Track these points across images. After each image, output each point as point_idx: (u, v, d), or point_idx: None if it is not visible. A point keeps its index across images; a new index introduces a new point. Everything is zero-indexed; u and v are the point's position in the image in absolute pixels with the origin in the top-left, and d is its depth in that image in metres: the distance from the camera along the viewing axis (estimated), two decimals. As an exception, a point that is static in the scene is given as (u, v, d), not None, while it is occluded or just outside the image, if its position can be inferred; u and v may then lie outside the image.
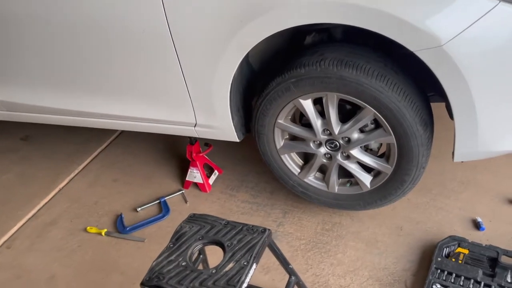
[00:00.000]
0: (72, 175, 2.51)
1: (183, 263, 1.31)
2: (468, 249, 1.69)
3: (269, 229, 1.38)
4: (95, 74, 1.93)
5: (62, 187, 2.44)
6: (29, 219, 2.26)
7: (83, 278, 1.90)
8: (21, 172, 2.58)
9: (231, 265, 1.28)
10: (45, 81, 2.07)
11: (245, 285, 1.24)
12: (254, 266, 1.29)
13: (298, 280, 1.53)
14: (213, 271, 1.27)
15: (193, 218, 1.46)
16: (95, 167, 2.55)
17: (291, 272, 1.50)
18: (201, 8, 1.54)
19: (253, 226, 1.39)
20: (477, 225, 1.83)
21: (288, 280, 1.50)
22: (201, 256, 1.62)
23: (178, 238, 1.39)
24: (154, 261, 1.33)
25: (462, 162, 1.93)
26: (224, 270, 1.26)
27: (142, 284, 1.28)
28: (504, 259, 1.64)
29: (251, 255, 1.30)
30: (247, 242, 1.34)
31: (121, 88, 1.94)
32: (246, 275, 1.25)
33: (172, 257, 1.33)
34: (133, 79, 1.87)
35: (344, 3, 1.36)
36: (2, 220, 2.25)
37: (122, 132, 2.78)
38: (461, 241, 1.73)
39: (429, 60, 1.38)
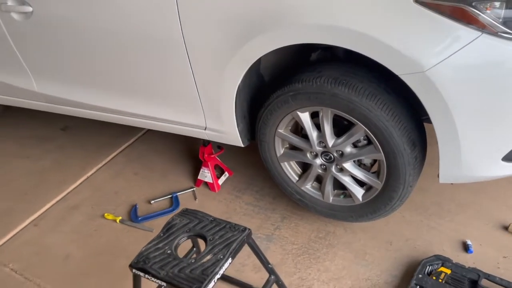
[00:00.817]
0: (99, 166, 2.74)
1: (168, 251, 1.46)
2: (451, 269, 1.73)
3: (249, 229, 1.50)
4: (124, 77, 2.13)
5: (89, 176, 2.67)
6: (57, 202, 2.50)
7: (94, 259, 2.10)
8: (55, 159, 2.85)
9: (209, 257, 1.42)
10: (81, 80, 2.30)
11: (217, 276, 1.37)
12: (229, 260, 1.42)
13: (277, 279, 1.65)
14: (192, 261, 1.41)
15: (185, 212, 1.61)
16: (120, 160, 2.78)
17: (270, 271, 1.62)
18: (211, 22, 1.68)
19: (235, 224, 1.52)
20: (466, 248, 1.86)
21: (268, 278, 1.62)
22: (194, 249, 1.78)
23: (168, 229, 1.55)
24: (144, 247, 1.49)
25: (452, 184, 1.98)
26: (202, 261, 1.40)
27: (130, 265, 1.44)
28: (484, 282, 1.67)
29: (228, 250, 1.43)
30: (227, 238, 1.47)
31: (145, 91, 2.13)
32: (220, 267, 1.38)
33: (160, 245, 1.49)
34: (155, 83, 2.05)
35: (334, 27, 1.46)
36: (33, 201, 2.51)
37: (148, 131, 3.00)
38: (445, 261, 1.77)
39: (413, 84, 1.46)
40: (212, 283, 1.35)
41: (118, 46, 1.99)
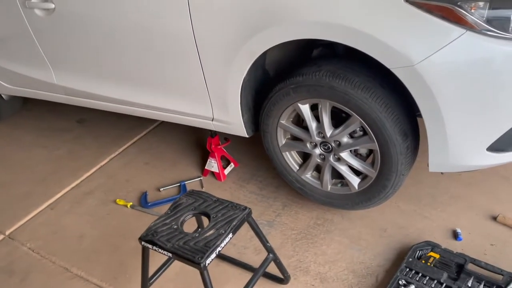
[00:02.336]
0: (112, 156, 2.89)
1: (175, 226, 1.59)
2: (440, 254, 1.84)
3: (249, 208, 1.63)
4: (137, 70, 2.28)
5: (103, 165, 2.82)
6: (72, 188, 2.66)
7: (106, 240, 2.24)
8: (71, 149, 3.01)
9: (211, 232, 1.55)
10: (98, 73, 2.45)
11: (219, 248, 1.50)
12: (230, 235, 1.55)
13: (275, 258, 1.77)
14: (196, 235, 1.54)
15: (191, 193, 1.74)
16: (132, 151, 2.92)
17: (269, 249, 1.74)
18: (220, 16, 1.81)
19: (237, 204, 1.65)
20: (455, 236, 1.96)
21: (266, 256, 1.74)
22: (199, 229, 1.91)
23: (175, 207, 1.68)
24: (152, 223, 1.62)
25: (442, 173, 2.09)
26: (205, 235, 1.54)
27: (139, 238, 1.58)
28: (471, 266, 1.77)
29: (229, 226, 1.56)
30: (229, 216, 1.60)
31: (157, 83, 2.27)
32: (222, 241, 1.51)
33: (167, 221, 1.62)
34: (166, 75, 2.19)
35: (332, 24, 1.59)
36: (50, 186, 2.67)
37: (159, 124, 3.14)
38: (434, 246, 1.87)
39: (403, 77, 1.57)
40: (213, 255, 1.48)
41: (133, 41, 2.14)
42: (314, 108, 1.94)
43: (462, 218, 2.05)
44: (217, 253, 1.50)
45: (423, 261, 1.81)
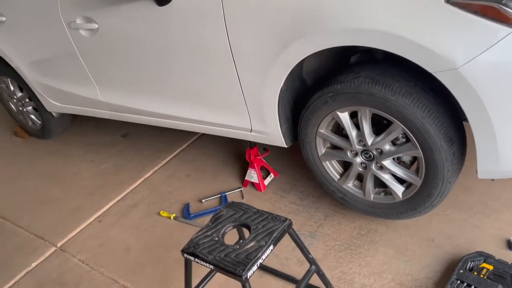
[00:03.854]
0: (155, 168, 2.96)
1: (216, 239, 1.60)
2: (493, 266, 1.74)
3: (289, 219, 1.61)
4: (178, 85, 2.33)
5: (146, 178, 2.90)
6: (118, 201, 2.74)
7: (151, 252, 2.29)
8: (116, 163, 3.11)
9: (252, 244, 1.54)
10: (140, 89, 2.53)
11: (260, 260, 1.49)
12: (271, 247, 1.53)
13: (318, 269, 1.74)
14: (237, 247, 1.54)
15: (232, 205, 1.74)
16: (174, 163, 2.98)
17: (311, 261, 1.71)
18: (255, 28, 1.82)
19: (277, 215, 1.64)
20: (510, 245, 1.85)
21: (309, 268, 1.71)
22: (241, 240, 1.91)
23: (216, 219, 1.69)
24: (194, 235, 1.64)
25: (493, 180, 1.98)
26: (246, 247, 1.53)
27: (182, 250, 1.60)
28: (528, 279, 1.66)
29: (270, 238, 1.54)
30: (269, 227, 1.59)
31: (196, 96, 2.31)
32: (263, 253, 1.50)
33: (209, 233, 1.63)
34: (205, 89, 2.22)
35: (367, 29, 1.55)
36: (97, 200, 2.76)
37: (200, 136, 3.19)
38: (487, 257, 1.78)
39: (446, 81, 1.51)
40: (255, 267, 1.47)
41: (172, 57, 2.19)
42: (353, 116, 1.90)
43: (517, 227, 1.94)
44: (258, 265, 1.49)
45: (475, 273, 1.72)
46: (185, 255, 1.58)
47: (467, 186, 2.17)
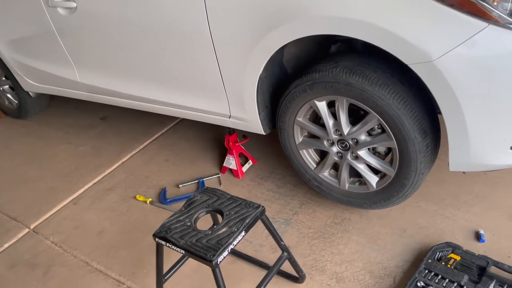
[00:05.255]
0: (133, 152, 2.93)
1: (188, 224, 1.60)
2: (461, 256, 1.78)
3: (263, 206, 1.62)
4: (157, 68, 2.29)
5: (124, 161, 2.87)
6: (94, 183, 2.71)
7: (125, 236, 2.28)
8: (94, 146, 3.07)
9: (224, 229, 1.54)
10: (119, 70, 2.49)
11: (231, 246, 1.50)
12: (242, 233, 1.54)
13: (290, 256, 1.75)
14: (209, 232, 1.54)
15: (206, 190, 1.74)
16: (153, 148, 2.96)
17: (283, 248, 1.73)
18: (236, 13, 1.80)
19: (251, 202, 1.64)
20: (478, 237, 1.89)
21: (280, 255, 1.72)
22: (214, 226, 1.91)
23: (189, 204, 1.69)
24: (166, 220, 1.63)
25: (464, 173, 2.01)
26: (218, 233, 1.53)
27: (154, 235, 1.59)
28: (493, 269, 1.70)
29: (242, 224, 1.55)
30: (242, 213, 1.60)
31: (176, 81, 2.28)
32: (234, 239, 1.51)
33: (181, 218, 1.63)
34: (184, 73, 2.20)
35: (347, 18, 1.55)
36: (73, 182, 2.73)
37: (179, 121, 3.16)
38: (455, 248, 1.81)
39: (422, 73, 1.52)
40: (225, 252, 1.48)
41: (152, 39, 2.16)
42: (331, 106, 1.91)
43: (486, 219, 1.98)
44: (229, 251, 1.49)
45: (443, 263, 1.76)
46: (156, 239, 1.58)
47: (440, 179, 2.21)
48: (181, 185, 2.55)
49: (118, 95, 2.64)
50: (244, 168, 2.55)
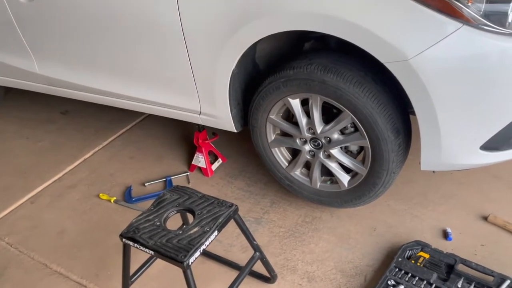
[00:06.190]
0: (96, 149, 2.81)
1: (158, 223, 1.53)
2: (429, 254, 1.80)
3: (236, 205, 1.57)
4: (123, 60, 2.19)
5: (86, 158, 2.74)
6: (54, 181, 2.57)
7: (88, 236, 2.17)
8: (54, 141, 2.92)
9: (196, 229, 1.49)
10: (82, 62, 2.37)
11: (203, 246, 1.44)
12: (215, 233, 1.49)
13: (262, 256, 1.72)
14: (180, 232, 1.48)
15: (176, 189, 1.68)
16: (117, 144, 2.84)
17: (256, 248, 1.69)
18: (208, 6, 1.74)
19: (223, 201, 1.59)
20: (446, 235, 1.93)
21: (252, 255, 1.69)
22: (184, 226, 1.85)
23: (159, 203, 1.62)
24: (134, 219, 1.56)
25: (434, 172, 2.05)
26: (189, 233, 1.47)
27: (120, 235, 1.51)
28: (461, 267, 1.74)
29: (215, 224, 1.50)
30: (214, 213, 1.54)
31: (143, 74, 2.19)
32: (206, 239, 1.45)
33: (150, 217, 1.56)
34: (152, 67, 2.11)
35: (323, 15, 1.53)
36: (31, 179, 2.58)
37: (147, 116, 3.06)
38: (424, 246, 1.84)
39: (397, 72, 1.52)
40: (197, 253, 1.42)
41: (118, 30, 2.06)
42: (305, 103, 1.89)
43: (453, 218, 2.02)
44: (201, 251, 1.44)
45: (413, 261, 1.78)
46: (123, 239, 1.50)
47: (409, 178, 2.24)
48: (147, 184, 2.46)
49: (81, 89, 2.52)
50: (214, 167, 2.49)
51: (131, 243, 1.49)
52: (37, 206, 2.39)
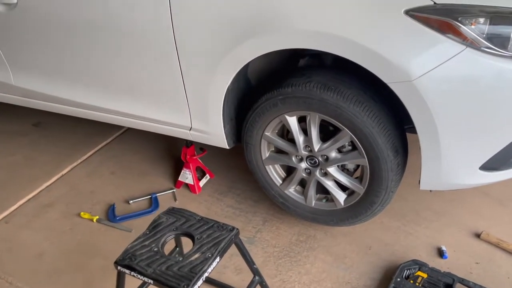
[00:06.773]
0: (74, 164, 2.67)
1: (155, 249, 1.44)
2: (427, 274, 1.79)
3: (237, 229, 1.51)
4: (105, 72, 2.10)
5: (64, 174, 2.60)
6: (30, 199, 2.42)
7: (69, 258, 2.04)
8: (28, 155, 2.76)
9: (197, 255, 1.41)
10: (59, 74, 2.25)
11: (206, 274, 1.37)
12: (217, 259, 1.41)
13: (261, 280, 1.65)
14: (180, 259, 1.40)
15: (172, 211, 1.60)
16: (97, 159, 2.72)
17: (255, 272, 1.63)
18: (203, 24, 1.69)
19: (223, 224, 1.52)
20: (441, 253, 1.93)
21: (252, 279, 1.62)
22: (177, 248, 1.77)
23: (154, 227, 1.53)
24: (129, 244, 1.46)
25: (430, 191, 2.06)
26: (190, 259, 1.40)
27: (115, 262, 1.42)
28: (459, 286, 1.73)
29: (216, 249, 1.43)
30: (215, 237, 1.47)
31: (128, 87, 2.09)
32: (209, 266, 1.38)
33: (146, 243, 1.47)
34: (141, 82, 2.02)
35: (327, 33, 1.50)
36: (4, 197, 2.42)
37: (128, 129, 2.95)
38: (422, 265, 1.83)
39: (400, 92, 1.51)
40: (200, 281, 1.35)
41: (104, 41, 1.97)
42: (301, 121, 1.85)
43: (446, 235, 2.02)
44: (203, 279, 1.36)
45: (411, 281, 1.76)
46: (119, 267, 1.41)
47: (401, 195, 2.23)
48: (131, 201, 2.35)
49: (59, 101, 2.39)
50: (201, 183, 2.41)
51: (127, 271, 1.39)
52: (12, 226, 2.24)
